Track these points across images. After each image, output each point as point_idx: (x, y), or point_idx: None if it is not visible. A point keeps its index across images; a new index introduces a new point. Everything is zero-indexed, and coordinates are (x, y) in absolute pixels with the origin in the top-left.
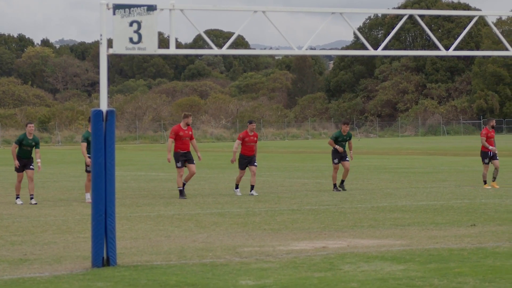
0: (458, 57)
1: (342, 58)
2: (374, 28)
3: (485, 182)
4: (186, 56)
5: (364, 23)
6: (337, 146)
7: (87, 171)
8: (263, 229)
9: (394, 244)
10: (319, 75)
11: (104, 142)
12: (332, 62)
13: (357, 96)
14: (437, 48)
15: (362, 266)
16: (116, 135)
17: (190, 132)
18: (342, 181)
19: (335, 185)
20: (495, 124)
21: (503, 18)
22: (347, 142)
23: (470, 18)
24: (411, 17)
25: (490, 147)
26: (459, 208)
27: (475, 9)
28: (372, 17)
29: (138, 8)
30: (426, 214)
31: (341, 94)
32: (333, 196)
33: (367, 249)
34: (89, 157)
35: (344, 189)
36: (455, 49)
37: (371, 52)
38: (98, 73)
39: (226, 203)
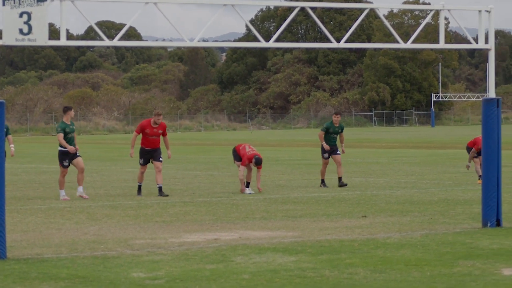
0: (350, 49)
1: (234, 50)
2: (267, 20)
3: (480, 177)
4: (78, 47)
5: (256, 15)
6: (324, 143)
7: (63, 166)
8: (155, 221)
9: (286, 235)
10: (211, 67)
11: None
12: (224, 54)
13: (250, 88)
14: (329, 41)
15: (254, 257)
16: None
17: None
18: (340, 178)
19: (322, 180)
20: None
21: (395, 11)
22: (338, 135)
23: (361, 10)
24: (303, 9)
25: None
26: (351, 199)
27: (366, 2)
28: (264, 9)
29: None
30: (318, 205)
31: (234, 86)
32: (225, 188)
33: (259, 240)
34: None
35: (345, 184)
36: (346, 42)
37: (263, 44)
38: None
39: (118, 196)
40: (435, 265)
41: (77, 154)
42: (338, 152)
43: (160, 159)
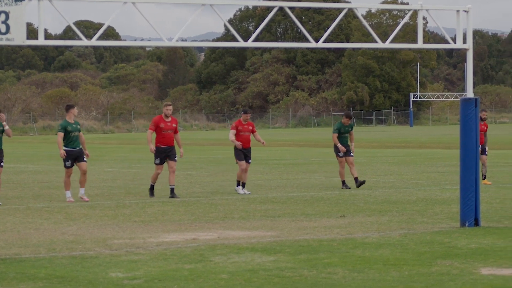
0: (328, 49)
1: (213, 50)
2: (245, 20)
3: (484, 177)
4: (56, 47)
5: (235, 15)
6: (339, 145)
7: (65, 166)
8: (133, 221)
9: (265, 235)
10: (190, 66)
11: None
12: (203, 54)
13: (228, 88)
14: (308, 40)
15: (232, 257)
16: None
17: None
18: (356, 178)
19: (343, 182)
20: (485, 116)
21: (373, 11)
22: (349, 134)
23: (340, 10)
24: (281, 9)
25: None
26: (329, 199)
27: (345, 1)
28: (243, 8)
29: None
30: (296, 205)
31: (212, 85)
32: (203, 187)
33: (237, 240)
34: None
35: (363, 182)
36: (325, 41)
37: (241, 44)
38: None
39: (97, 195)
40: (414, 265)
41: (84, 158)
42: (351, 154)
43: (176, 158)
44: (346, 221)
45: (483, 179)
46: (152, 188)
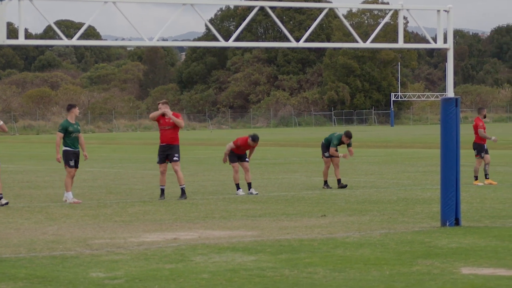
0: (309, 48)
1: (194, 49)
2: (226, 20)
3: (476, 178)
4: (37, 46)
5: (216, 15)
6: (341, 155)
7: (69, 166)
8: (114, 221)
9: (246, 235)
10: (171, 66)
11: None
12: (184, 53)
13: (209, 87)
14: (289, 40)
15: (213, 257)
16: None
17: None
18: (339, 180)
19: (325, 181)
20: (486, 113)
21: (354, 10)
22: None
23: (320, 10)
24: (262, 8)
25: (493, 138)
26: (310, 199)
27: (326, 1)
28: (224, 8)
29: None
30: (277, 205)
31: (193, 85)
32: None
33: (218, 240)
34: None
35: (344, 186)
36: (306, 41)
37: (222, 43)
38: None
39: (78, 195)
40: (394, 264)
41: (77, 164)
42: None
43: (175, 158)
44: (327, 220)
45: (487, 178)
46: (162, 192)
